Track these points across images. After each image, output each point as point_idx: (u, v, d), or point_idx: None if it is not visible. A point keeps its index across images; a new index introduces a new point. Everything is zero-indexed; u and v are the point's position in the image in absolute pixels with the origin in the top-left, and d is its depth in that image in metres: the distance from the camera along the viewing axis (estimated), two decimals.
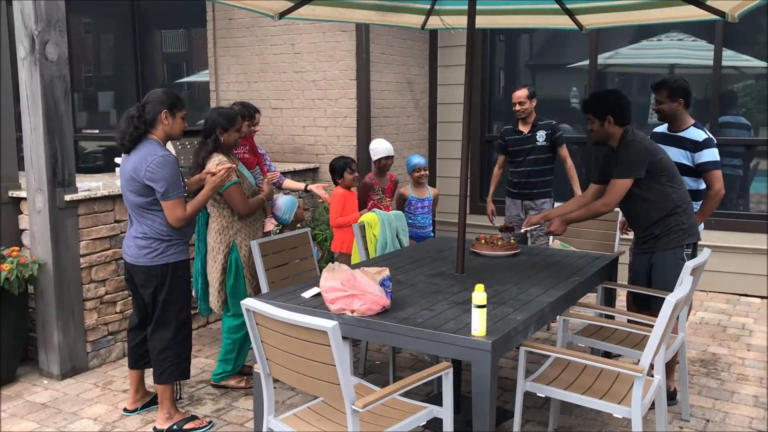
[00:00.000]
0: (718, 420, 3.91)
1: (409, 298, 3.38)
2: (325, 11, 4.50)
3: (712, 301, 6.23)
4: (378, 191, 5.33)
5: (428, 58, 7.59)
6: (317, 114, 6.74)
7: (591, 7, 4.30)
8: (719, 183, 4.19)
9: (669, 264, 3.86)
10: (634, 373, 2.98)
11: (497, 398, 4.14)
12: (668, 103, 4.26)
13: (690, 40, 6.74)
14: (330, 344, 2.46)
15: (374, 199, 5.33)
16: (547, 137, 5.61)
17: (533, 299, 3.38)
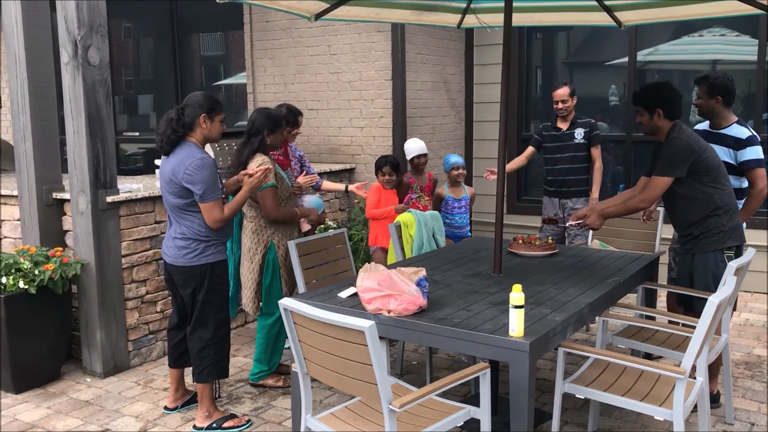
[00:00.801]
0: (764, 424, 3.81)
1: (446, 299, 3.37)
2: (361, 11, 4.52)
3: (756, 302, 6.09)
4: (416, 189, 5.34)
5: (464, 57, 7.55)
6: (353, 115, 6.76)
7: (630, 3, 4.24)
8: (763, 182, 4.09)
9: (710, 266, 3.78)
10: (675, 374, 2.92)
11: (535, 400, 4.10)
12: (706, 99, 4.18)
13: (733, 35, 6.59)
14: (367, 344, 2.46)
15: (412, 198, 5.33)
16: (585, 135, 5.56)
17: (571, 300, 3.34)
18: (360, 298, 3.17)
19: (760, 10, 3.72)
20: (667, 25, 6.77)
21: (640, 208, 3.93)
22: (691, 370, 3.12)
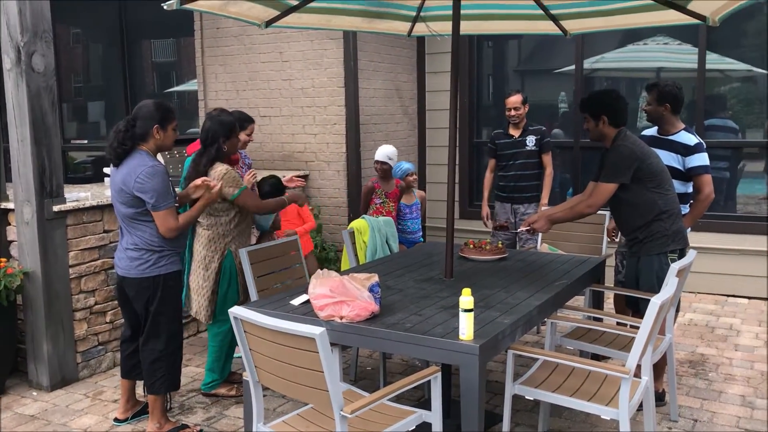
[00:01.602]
0: (706, 420, 3.94)
1: (399, 304, 3.40)
2: (312, 19, 4.53)
3: (700, 302, 6.28)
4: (381, 195, 5.35)
5: (416, 65, 7.63)
6: (306, 121, 6.77)
7: (575, 12, 4.35)
8: (709, 187, 4.23)
9: (654, 269, 3.89)
10: (620, 374, 3.00)
11: (487, 402, 4.16)
12: (655, 106, 4.30)
13: (675, 43, 6.80)
14: (318, 351, 2.47)
15: (376, 203, 5.35)
16: (537, 142, 5.67)
17: (521, 303, 3.41)
18: (312, 305, 3.17)
19: (697, 20, 3.85)
20: (613, 34, 6.95)
21: (586, 214, 4.02)
22: (637, 369, 3.21)
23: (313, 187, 6.80)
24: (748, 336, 5.35)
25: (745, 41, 6.48)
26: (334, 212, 6.72)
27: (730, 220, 6.48)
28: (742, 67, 6.52)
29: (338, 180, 6.65)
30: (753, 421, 3.92)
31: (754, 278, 6.24)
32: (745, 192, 6.72)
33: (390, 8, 4.60)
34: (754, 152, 6.70)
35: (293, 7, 4.22)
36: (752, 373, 4.59)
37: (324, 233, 6.73)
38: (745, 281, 6.31)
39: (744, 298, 6.32)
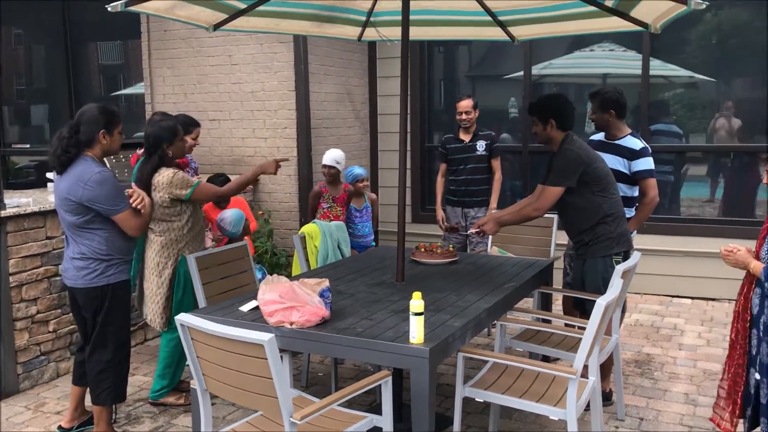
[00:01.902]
0: (651, 418, 4.03)
1: (349, 309, 3.39)
2: (261, 22, 4.50)
3: (646, 303, 6.43)
4: (328, 199, 5.32)
5: (367, 70, 7.63)
6: (256, 125, 6.71)
7: (522, 18, 4.41)
8: (654, 191, 4.33)
9: (599, 271, 3.96)
10: (567, 375, 3.05)
11: (438, 405, 4.18)
12: (600, 113, 4.40)
13: (621, 50, 6.96)
14: (266, 357, 2.45)
15: (324, 208, 5.32)
16: (487, 147, 5.73)
17: (470, 305, 3.43)
18: (261, 311, 3.14)
19: (640, 27, 3.95)
20: (561, 41, 7.08)
21: (533, 217, 4.07)
22: (584, 370, 3.27)
23: (264, 192, 6.74)
24: (692, 335, 5.49)
25: (687, 48, 6.68)
26: (285, 217, 6.67)
27: (675, 222, 6.66)
28: (685, 74, 6.71)
29: (289, 184, 6.61)
30: (696, 417, 4.03)
31: (697, 279, 6.42)
32: (689, 195, 6.92)
33: (340, 13, 4.60)
34: (697, 156, 6.90)
35: (242, 10, 4.18)
36: (695, 372, 4.72)
37: (275, 238, 6.68)
38: (689, 282, 6.48)
39: (688, 299, 6.49)
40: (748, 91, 6.52)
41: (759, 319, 3.13)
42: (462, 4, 4.38)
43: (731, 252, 3.18)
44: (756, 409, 3.18)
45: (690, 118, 6.81)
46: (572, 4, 3.90)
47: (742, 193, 6.63)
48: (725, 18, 6.53)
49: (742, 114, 6.47)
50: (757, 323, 3.14)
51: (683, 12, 3.33)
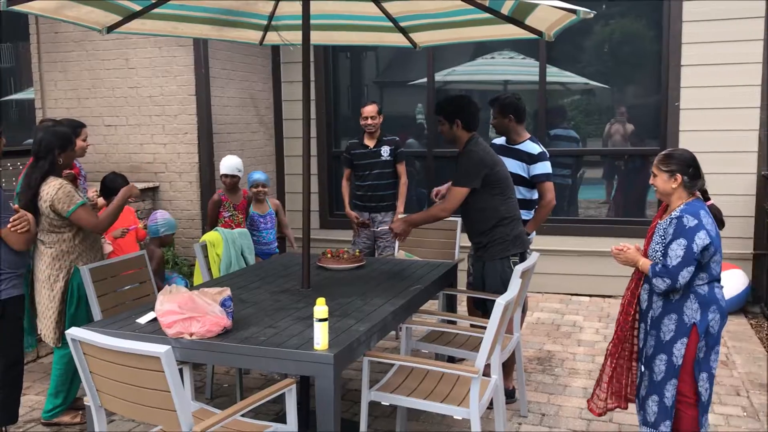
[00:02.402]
0: (553, 413, 4.16)
1: (253, 317, 3.32)
2: (158, 26, 4.36)
3: (547, 301, 6.64)
4: (229, 207, 5.21)
5: (271, 74, 7.55)
6: (155, 131, 6.50)
7: (422, 24, 4.48)
8: (551, 194, 4.48)
9: (498, 272, 4.07)
10: (470, 374, 3.10)
11: (347, 410, 4.16)
12: (500, 119, 4.52)
13: (520, 57, 7.18)
14: (163, 370, 2.36)
15: (225, 216, 5.20)
16: (391, 152, 5.77)
17: (376, 309, 3.44)
18: (160, 322, 3.04)
19: (535, 34, 4.08)
20: (464, 48, 7.23)
21: (441, 217, 4.13)
22: (487, 369, 3.33)
23: (164, 200, 6.54)
24: (590, 332, 5.71)
25: (583, 56, 6.96)
26: (186, 225, 6.49)
27: (573, 223, 6.92)
28: (580, 80, 6.99)
29: (191, 191, 6.44)
30: None
31: (594, 277, 6.69)
32: (587, 197, 7.20)
33: (240, 17, 4.52)
34: (594, 160, 7.19)
35: (136, 12, 4.04)
36: (593, 367, 4.90)
37: (177, 247, 6.49)
38: (587, 280, 6.74)
39: (586, 296, 6.75)
40: (639, 97, 6.86)
41: (647, 314, 3.29)
42: (364, 9, 4.40)
43: (621, 250, 3.33)
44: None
45: (586, 124, 7.09)
46: (469, 11, 3.98)
47: (635, 195, 6.97)
48: (617, 28, 6.84)
49: (635, 119, 6.80)
50: (645, 318, 3.30)
51: (574, 20, 3.46)
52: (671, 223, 3.14)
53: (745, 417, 4.08)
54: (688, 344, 3.13)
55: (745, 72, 6.11)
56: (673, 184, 3.19)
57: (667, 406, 3.19)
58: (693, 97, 6.30)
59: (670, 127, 6.40)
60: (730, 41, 6.12)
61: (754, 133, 6.15)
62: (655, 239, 3.25)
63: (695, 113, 6.30)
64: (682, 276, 3.07)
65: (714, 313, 3.14)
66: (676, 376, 3.16)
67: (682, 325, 3.14)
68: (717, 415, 4.08)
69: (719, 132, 6.22)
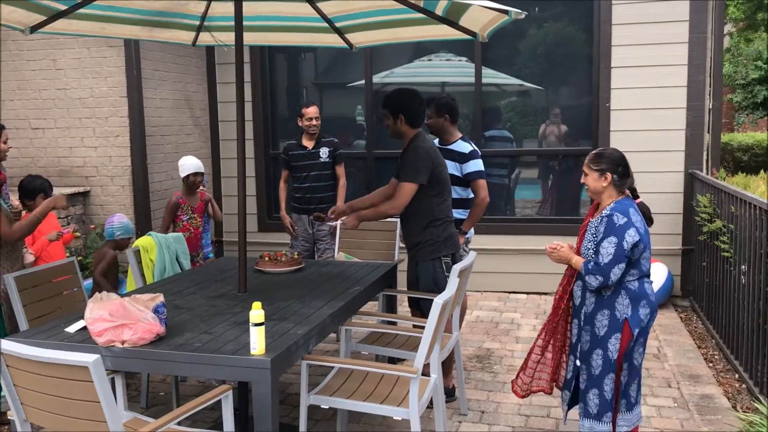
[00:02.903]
0: (492, 410, 4.20)
1: (188, 323, 3.25)
2: (84, 26, 4.23)
3: (486, 300, 6.72)
4: (187, 210, 5.08)
5: (206, 75, 7.42)
6: (85, 134, 6.30)
7: (357, 24, 4.47)
8: (484, 191, 4.54)
9: (429, 272, 4.09)
10: (409, 374, 3.10)
11: (287, 415, 4.12)
12: (436, 118, 4.55)
13: (457, 59, 7.25)
14: (92, 380, 2.29)
15: (183, 220, 5.07)
16: (330, 154, 5.74)
17: (315, 312, 3.41)
18: (89, 331, 2.94)
19: (469, 35, 4.12)
20: (402, 50, 7.26)
21: (391, 214, 4.09)
22: (426, 368, 3.35)
23: (96, 204, 6.35)
24: (527, 328, 5.81)
25: (518, 58, 7.07)
26: None
27: (510, 222, 7.03)
28: (515, 82, 7.10)
29: (123, 196, 6.27)
30: (532, 407, 4.25)
31: (531, 275, 6.80)
32: (523, 197, 7.32)
33: (172, 17, 4.42)
34: (530, 160, 7.32)
35: (60, 12, 3.91)
36: None
37: None
38: (524, 278, 6.86)
39: (523, 294, 6.86)
40: (572, 98, 7.02)
41: (580, 310, 3.36)
42: (298, 10, 4.36)
43: (555, 249, 3.39)
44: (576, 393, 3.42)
45: (522, 125, 7.21)
46: (403, 11, 3.99)
47: (569, 194, 7.12)
48: (550, 30, 6.98)
49: (568, 120, 6.95)
50: (578, 313, 3.37)
51: (506, 21, 3.51)
52: (602, 221, 3.21)
53: (676, 408, 4.21)
54: (621, 339, 3.21)
55: (672, 73, 6.32)
56: (603, 183, 3.27)
57: (607, 399, 3.27)
58: (623, 98, 6.48)
59: (601, 128, 6.56)
60: (657, 44, 6.33)
61: (681, 132, 6.36)
62: (587, 237, 3.32)
63: (625, 114, 6.49)
64: (613, 273, 3.14)
65: (644, 308, 3.23)
66: (614, 370, 3.24)
67: (614, 321, 3.22)
68: (649, 407, 4.20)
69: (648, 132, 6.41)
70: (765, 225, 4.07)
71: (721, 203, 5.15)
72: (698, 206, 5.76)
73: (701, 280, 5.91)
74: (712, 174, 6.44)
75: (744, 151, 13.39)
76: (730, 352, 4.85)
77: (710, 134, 6.59)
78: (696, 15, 6.24)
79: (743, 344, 4.53)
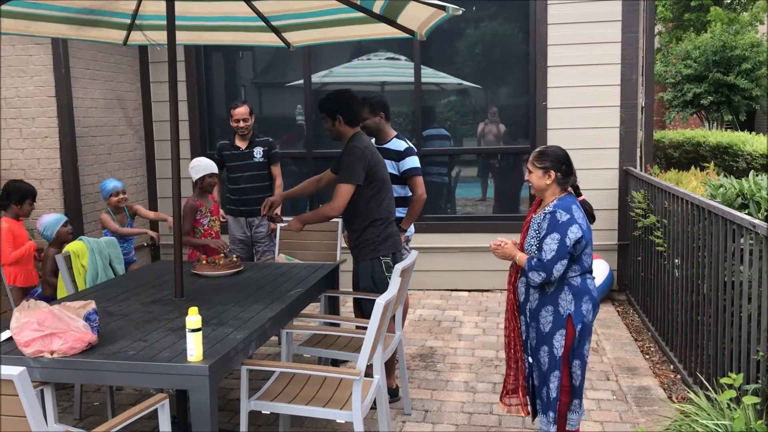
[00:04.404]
0: (435, 409, 4.20)
1: (121, 330, 3.15)
2: (8, 24, 4.04)
3: (428, 298, 6.73)
4: (206, 213, 4.90)
5: (140, 74, 7.21)
6: (11, 135, 6.04)
7: (294, 24, 4.40)
8: (421, 188, 4.54)
9: (368, 272, 4.07)
10: (351, 376, 3.07)
11: (228, 421, 4.04)
12: (371, 118, 4.52)
13: (396, 58, 7.24)
14: (18, 394, 2.17)
15: (204, 224, 4.90)
16: (265, 154, 5.64)
17: (254, 316, 3.35)
18: (15, 341, 2.80)
19: (408, 34, 4.10)
20: (340, 49, 7.21)
21: (331, 216, 4.03)
22: (369, 369, 3.31)
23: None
24: (469, 326, 5.84)
25: (456, 58, 7.11)
26: None
27: (451, 221, 7.06)
28: (454, 81, 7.14)
29: (53, 199, 6.03)
30: (475, 404, 4.27)
31: (473, 272, 6.85)
32: (463, 195, 7.37)
33: (101, 16, 4.28)
34: (470, 159, 7.37)
35: None
36: (473, 360, 5.01)
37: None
38: (466, 276, 6.90)
39: (465, 291, 6.90)
40: (510, 97, 7.10)
41: (525, 306, 3.38)
42: (234, 9, 4.27)
43: (499, 246, 3.40)
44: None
45: (462, 123, 7.25)
46: (341, 10, 3.95)
47: (509, 191, 7.21)
48: (488, 29, 7.04)
49: (506, 118, 7.02)
50: (524, 310, 3.39)
51: (443, 18, 3.51)
52: (545, 218, 3.24)
53: (615, 400, 4.29)
54: (566, 335, 3.24)
55: (606, 72, 6.46)
56: (547, 181, 3.30)
57: (552, 397, 3.29)
58: (559, 97, 6.58)
59: (539, 126, 6.66)
60: (591, 43, 6.45)
61: (615, 130, 6.51)
62: (530, 233, 3.35)
63: (562, 112, 6.59)
64: (556, 269, 3.17)
65: (587, 303, 3.27)
66: (559, 368, 3.26)
67: (558, 317, 3.25)
68: (589, 400, 4.27)
69: (584, 130, 6.54)
70: (697, 219, 4.19)
71: (655, 199, 5.29)
72: (633, 202, 5.90)
73: (637, 274, 6.06)
74: (646, 170, 6.61)
75: (675, 148, 13.82)
76: (665, 344, 4.98)
77: (643, 131, 6.76)
78: (628, 15, 6.39)
79: (677, 336, 4.66)
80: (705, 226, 4.05)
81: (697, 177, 9.08)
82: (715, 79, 16.88)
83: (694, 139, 13.40)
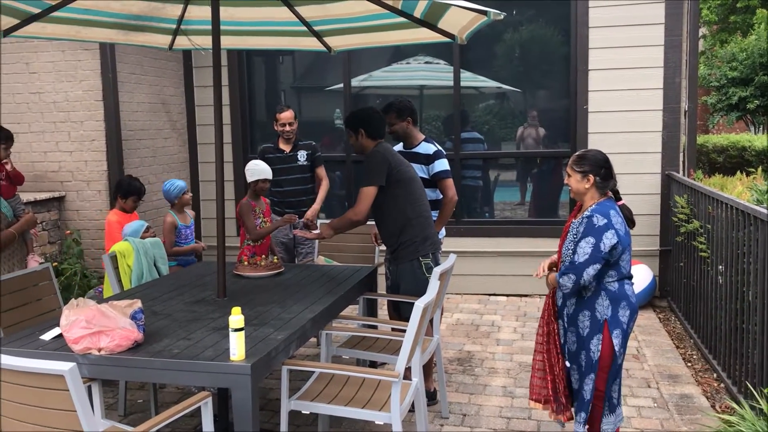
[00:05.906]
0: (473, 413, 4.20)
1: (166, 329, 3.22)
2: (59, 29, 4.18)
3: (466, 302, 6.72)
4: (259, 214, 5.01)
5: (183, 79, 7.35)
6: (60, 138, 6.22)
7: (336, 29, 4.46)
8: (452, 190, 4.56)
9: (410, 275, 4.08)
10: (390, 378, 3.09)
11: (268, 421, 4.09)
12: (398, 123, 4.56)
13: (435, 62, 7.25)
14: (68, 389, 2.24)
15: (257, 224, 5.00)
16: (308, 157, 5.71)
17: (295, 317, 3.39)
18: (65, 338, 2.89)
19: (448, 38, 4.12)
20: (379, 53, 7.25)
21: (355, 221, 4.05)
22: (408, 372, 3.33)
23: (71, 210, 6.26)
24: (508, 330, 5.82)
25: (495, 61, 7.09)
26: (96, 236, 6.22)
27: (490, 225, 7.04)
28: (494, 84, 7.12)
29: (100, 201, 6.19)
30: (513, 409, 4.25)
31: (511, 277, 6.82)
32: (502, 199, 7.34)
33: (148, 21, 4.38)
34: (508, 162, 7.34)
35: (34, 16, 3.85)
36: (511, 365, 4.99)
37: (86, 259, 6.22)
38: (504, 280, 6.87)
39: (503, 296, 6.88)
40: (550, 101, 7.05)
41: (562, 311, 3.36)
42: (277, 14, 4.34)
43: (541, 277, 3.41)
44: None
45: (501, 127, 7.23)
46: (383, 15, 3.99)
47: (548, 196, 7.16)
48: (528, 33, 7.01)
49: (546, 122, 6.98)
50: (561, 315, 3.38)
51: (484, 22, 3.52)
52: (582, 222, 3.22)
53: (656, 408, 4.24)
54: (603, 340, 3.22)
55: (648, 76, 6.38)
56: (586, 185, 3.28)
57: (585, 400, 3.27)
58: (600, 101, 6.52)
59: (579, 130, 6.60)
60: (633, 46, 6.38)
61: (658, 134, 6.42)
62: (568, 238, 3.33)
63: (603, 116, 6.53)
64: (587, 272, 3.14)
65: (624, 309, 3.24)
66: (594, 371, 3.24)
67: (595, 322, 3.23)
68: (630, 407, 4.22)
69: (625, 134, 6.46)
70: (742, 225, 4.12)
71: (698, 204, 5.20)
72: (675, 207, 5.81)
73: (679, 280, 5.96)
74: (689, 175, 6.50)
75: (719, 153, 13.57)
76: (708, 352, 4.89)
77: (686, 136, 6.66)
78: (671, 18, 6.31)
79: (721, 344, 4.58)
80: (750, 232, 3.97)
81: (743, 182, 8.89)
82: (761, 83, 16.51)
83: (739, 144, 13.13)
